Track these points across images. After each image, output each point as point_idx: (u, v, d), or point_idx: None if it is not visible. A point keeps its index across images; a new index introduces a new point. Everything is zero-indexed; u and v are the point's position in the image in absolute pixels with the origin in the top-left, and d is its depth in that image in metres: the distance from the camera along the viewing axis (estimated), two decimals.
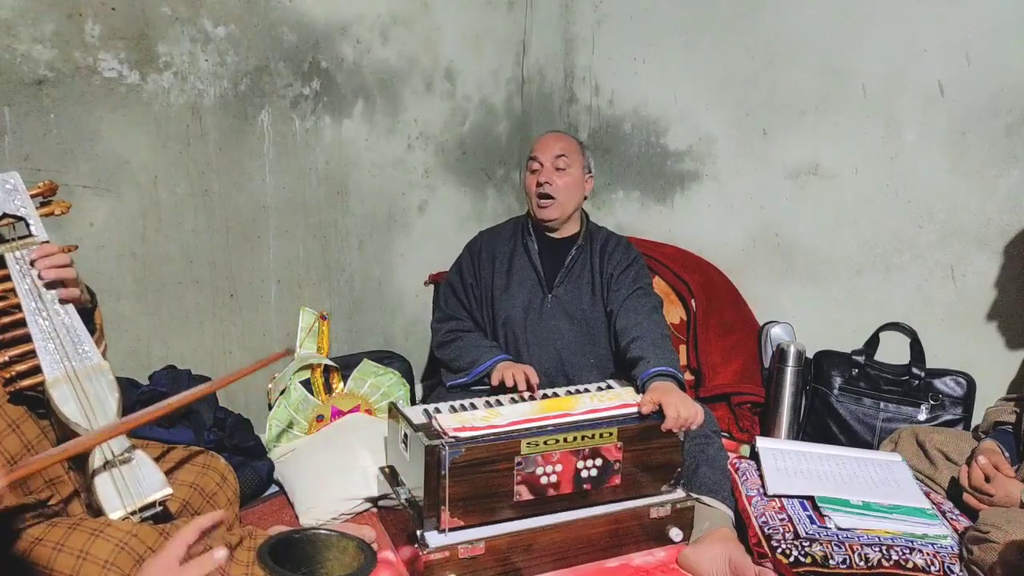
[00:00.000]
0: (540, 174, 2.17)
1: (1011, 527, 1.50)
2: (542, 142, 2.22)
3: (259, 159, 2.31)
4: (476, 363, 2.14)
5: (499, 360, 2.12)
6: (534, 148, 2.22)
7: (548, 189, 2.15)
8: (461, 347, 2.20)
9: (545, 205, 2.17)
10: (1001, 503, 1.68)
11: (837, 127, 2.44)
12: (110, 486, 1.34)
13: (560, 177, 2.16)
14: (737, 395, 2.47)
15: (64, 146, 1.93)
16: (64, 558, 1.20)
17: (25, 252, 1.40)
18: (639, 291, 2.16)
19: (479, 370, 2.13)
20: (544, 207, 2.18)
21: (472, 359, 2.15)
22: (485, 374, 2.13)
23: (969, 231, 2.24)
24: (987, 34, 2.14)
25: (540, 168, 2.18)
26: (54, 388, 1.35)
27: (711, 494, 1.90)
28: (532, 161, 2.20)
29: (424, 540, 1.69)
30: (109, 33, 1.96)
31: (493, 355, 2.14)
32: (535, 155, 2.20)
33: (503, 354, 2.16)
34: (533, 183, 2.18)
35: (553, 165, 2.16)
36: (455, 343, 2.23)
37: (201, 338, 2.28)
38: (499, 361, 2.12)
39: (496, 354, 2.14)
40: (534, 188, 2.18)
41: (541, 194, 2.17)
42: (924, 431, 2.05)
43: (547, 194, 2.16)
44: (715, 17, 2.65)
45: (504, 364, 2.10)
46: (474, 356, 2.16)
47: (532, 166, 2.20)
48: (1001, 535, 1.50)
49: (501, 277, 2.24)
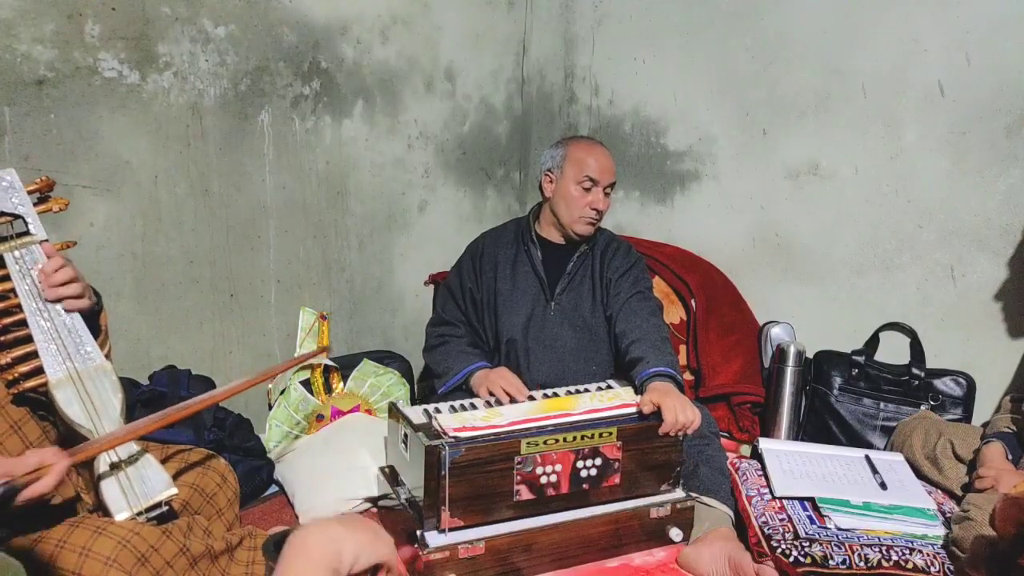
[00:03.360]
0: (597, 199, 2.12)
1: (991, 507, 1.53)
2: (600, 161, 2.13)
3: (259, 159, 2.31)
4: (451, 371, 2.10)
5: (475, 368, 2.07)
6: (589, 164, 2.11)
7: (598, 217, 2.15)
8: (444, 352, 2.18)
9: (593, 223, 2.16)
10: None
11: (837, 127, 2.44)
12: (115, 488, 1.34)
13: (606, 202, 2.15)
14: (737, 395, 2.47)
15: (64, 146, 1.93)
16: (66, 555, 1.20)
17: (24, 251, 1.40)
18: (639, 295, 2.15)
19: (454, 380, 2.09)
20: (592, 225, 2.16)
21: (448, 366, 2.12)
22: (462, 383, 2.09)
23: (969, 231, 2.24)
24: (987, 34, 2.14)
25: (596, 188, 2.12)
26: (57, 390, 1.34)
27: (711, 494, 1.90)
28: (588, 179, 2.11)
29: (424, 540, 1.69)
30: (109, 33, 1.96)
31: (469, 363, 2.09)
32: (593, 175, 2.11)
33: (480, 362, 2.10)
34: (585, 203, 2.12)
35: (606, 192, 2.14)
36: (440, 348, 2.20)
37: (201, 338, 2.28)
38: (476, 369, 2.07)
39: (472, 362, 2.09)
40: (586, 209, 2.12)
41: (591, 219, 2.14)
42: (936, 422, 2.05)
43: (596, 219, 2.15)
44: (715, 17, 2.65)
45: (483, 375, 2.04)
46: (451, 363, 2.12)
47: (585, 183, 2.11)
48: (979, 514, 1.54)
49: (504, 283, 2.21)
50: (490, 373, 2.04)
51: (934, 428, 2.04)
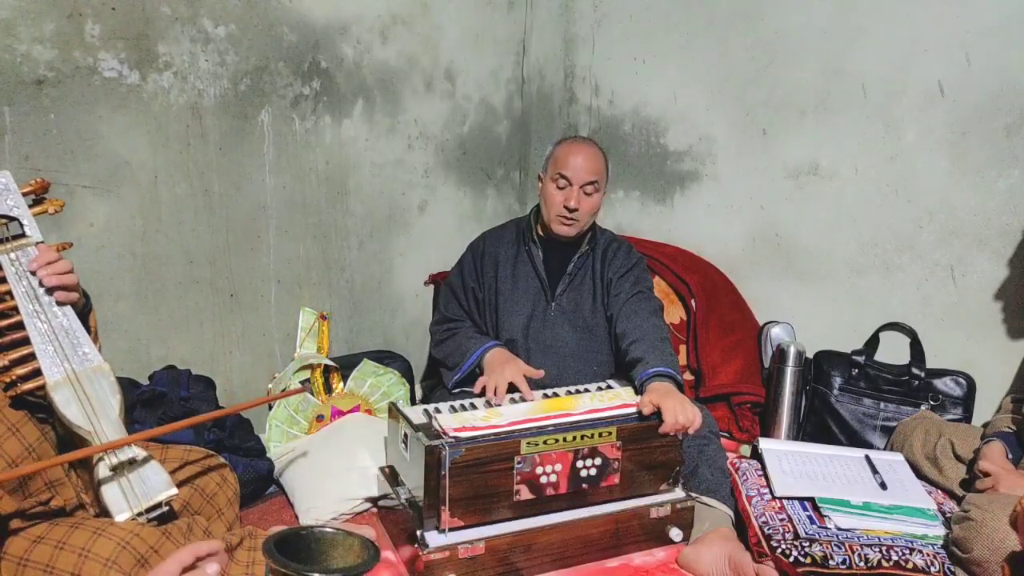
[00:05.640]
0: (569, 197, 2.06)
1: (992, 507, 1.53)
2: (574, 159, 2.07)
3: (259, 159, 2.31)
4: (467, 353, 2.11)
5: (489, 348, 2.09)
6: (563, 161, 2.08)
7: (575, 215, 2.09)
8: (455, 342, 2.19)
9: (568, 223, 2.11)
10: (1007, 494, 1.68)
11: (837, 127, 2.44)
12: (115, 489, 1.34)
13: (586, 201, 2.09)
14: (737, 395, 2.47)
15: (64, 146, 1.93)
16: (66, 556, 1.20)
17: (20, 253, 1.39)
18: (639, 295, 2.15)
19: (471, 361, 2.09)
20: (567, 225, 2.11)
21: (462, 351, 2.13)
22: (477, 364, 2.09)
23: (969, 231, 2.24)
24: (987, 34, 2.14)
25: (569, 187, 2.07)
26: (55, 391, 1.34)
27: (711, 494, 1.90)
28: (560, 177, 2.08)
29: (424, 540, 1.69)
30: (109, 33, 1.96)
31: (482, 343, 2.11)
32: (565, 173, 2.07)
33: (491, 341, 2.12)
34: (559, 200, 2.08)
35: (582, 190, 2.08)
36: (449, 340, 2.21)
37: (201, 338, 2.28)
38: (489, 348, 2.09)
39: (484, 343, 2.11)
40: (559, 207, 2.08)
41: (565, 216, 2.09)
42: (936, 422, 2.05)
43: (572, 218, 2.09)
44: (715, 17, 2.65)
45: (496, 356, 2.05)
46: (464, 349, 2.13)
47: (559, 182, 2.08)
48: (980, 514, 1.54)
49: (504, 283, 2.21)
50: (505, 365, 2.01)
51: (934, 428, 2.04)
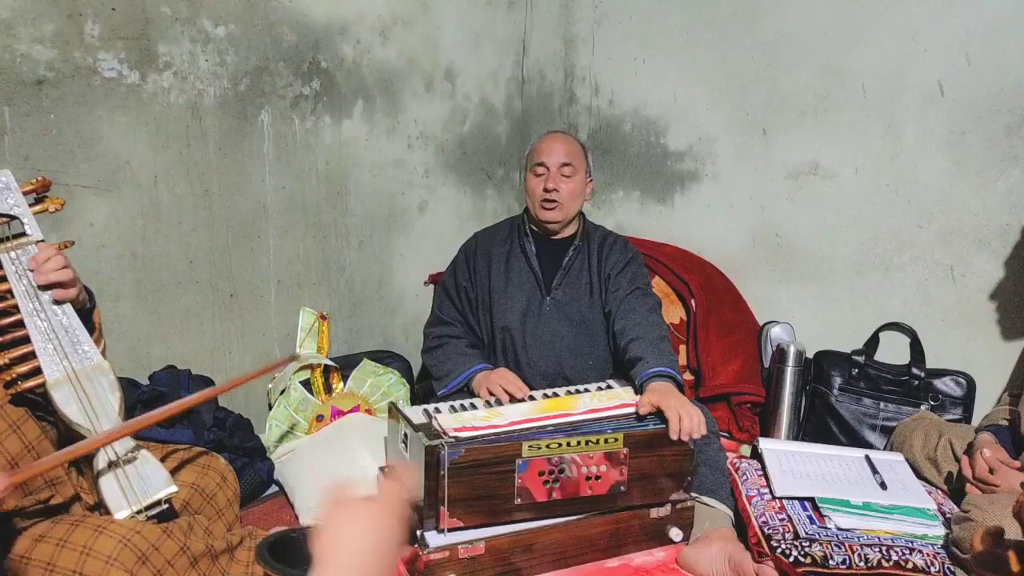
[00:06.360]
0: (547, 179, 2.13)
1: (992, 507, 1.54)
2: (547, 145, 2.16)
3: (259, 159, 2.31)
4: (452, 373, 2.10)
5: (477, 371, 2.07)
6: (539, 151, 2.17)
7: (554, 196, 2.12)
8: (443, 354, 2.17)
9: (550, 207, 2.14)
10: (1004, 494, 1.68)
11: (837, 127, 2.44)
12: (115, 486, 1.34)
13: (565, 183, 2.13)
14: (737, 395, 2.47)
15: (64, 146, 1.93)
16: (67, 554, 1.20)
17: (21, 252, 1.39)
18: (637, 291, 2.15)
19: (455, 382, 2.09)
20: (549, 209, 2.14)
21: (449, 368, 2.12)
22: (463, 385, 2.08)
23: (969, 231, 2.24)
24: (987, 34, 2.14)
25: (546, 172, 2.14)
26: (55, 389, 1.35)
27: (711, 494, 1.90)
28: (538, 165, 2.15)
29: (424, 540, 1.69)
30: (109, 33, 1.96)
31: (470, 365, 2.09)
32: (541, 159, 2.15)
33: (481, 364, 2.10)
34: (539, 187, 2.14)
35: (559, 172, 2.12)
36: (438, 350, 2.20)
37: (201, 338, 2.28)
38: (477, 372, 2.07)
39: (474, 364, 2.09)
40: (539, 191, 2.14)
41: (546, 199, 2.13)
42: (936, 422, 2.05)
43: (552, 199, 2.13)
44: (715, 17, 2.65)
45: (484, 376, 2.04)
46: (451, 366, 2.12)
47: (537, 170, 2.15)
48: (980, 514, 1.54)
49: (498, 279, 2.21)
50: (491, 374, 2.04)
51: (934, 428, 2.03)
